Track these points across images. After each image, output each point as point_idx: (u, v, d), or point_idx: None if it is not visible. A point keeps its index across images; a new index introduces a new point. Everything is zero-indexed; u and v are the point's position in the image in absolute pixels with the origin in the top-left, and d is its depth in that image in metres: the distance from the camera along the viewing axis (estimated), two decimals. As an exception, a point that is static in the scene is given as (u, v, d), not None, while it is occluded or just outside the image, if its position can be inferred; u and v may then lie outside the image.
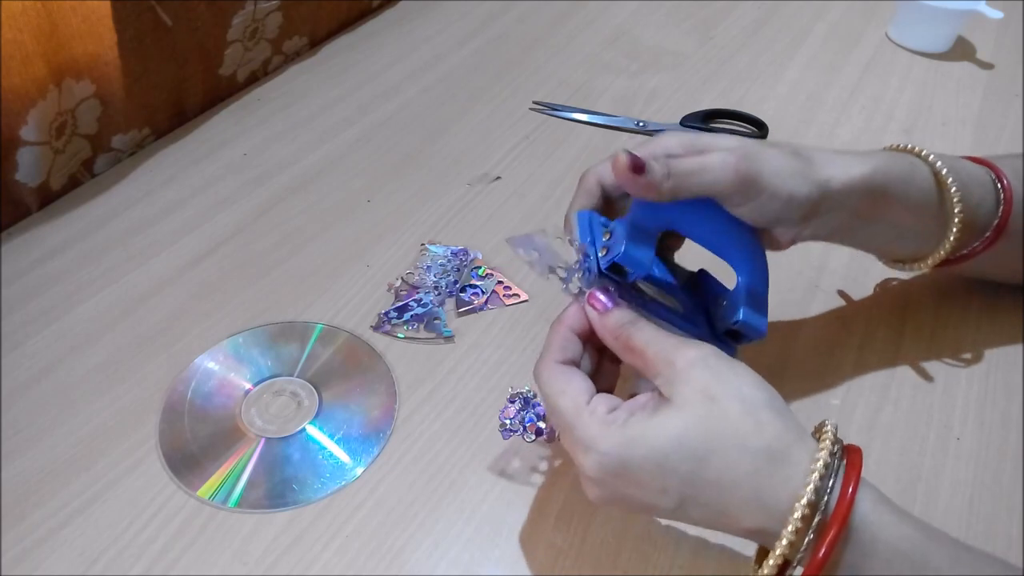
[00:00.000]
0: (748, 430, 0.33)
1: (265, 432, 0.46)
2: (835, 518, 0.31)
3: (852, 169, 0.42)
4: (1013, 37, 0.85)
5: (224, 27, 0.70)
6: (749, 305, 0.42)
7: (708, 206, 0.41)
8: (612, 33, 0.85)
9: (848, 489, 0.32)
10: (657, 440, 0.33)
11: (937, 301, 0.55)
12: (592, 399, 0.36)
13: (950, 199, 0.45)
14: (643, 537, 0.42)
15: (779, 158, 0.41)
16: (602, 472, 0.34)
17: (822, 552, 0.31)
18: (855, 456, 0.34)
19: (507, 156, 0.68)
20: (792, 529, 0.31)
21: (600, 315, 0.38)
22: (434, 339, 0.52)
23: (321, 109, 0.73)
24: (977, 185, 0.46)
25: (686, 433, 0.33)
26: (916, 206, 0.45)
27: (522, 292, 0.55)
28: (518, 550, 0.41)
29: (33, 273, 0.56)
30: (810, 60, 0.81)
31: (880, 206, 0.44)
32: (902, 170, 0.44)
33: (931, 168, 0.45)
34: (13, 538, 0.41)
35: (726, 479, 0.33)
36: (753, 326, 0.41)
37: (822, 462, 0.32)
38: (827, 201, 0.42)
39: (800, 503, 0.31)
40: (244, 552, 0.41)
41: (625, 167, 0.38)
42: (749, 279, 0.42)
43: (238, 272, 0.56)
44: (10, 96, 0.54)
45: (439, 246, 0.58)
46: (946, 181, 0.45)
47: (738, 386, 0.34)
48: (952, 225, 0.45)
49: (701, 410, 0.33)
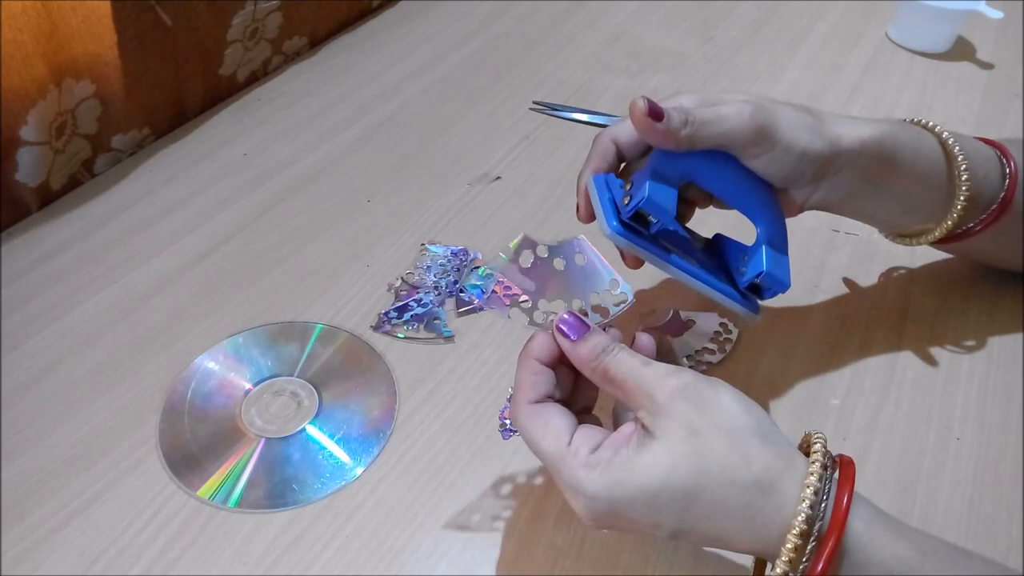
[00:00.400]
0: (735, 464, 0.32)
1: (265, 432, 0.46)
2: (828, 537, 0.31)
3: (862, 130, 0.43)
4: (1013, 37, 0.85)
5: (224, 27, 0.70)
6: (771, 257, 0.42)
7: (726, 159, 0.42)
8: (612, 33, 0.85)
9: (840, 508, 0.31)
10: (644, 480, 0.32)
11: (937, 302, 0.55)
12: (573, 438, 0.34)
13: (957, 169, 0.45)
14: (643, 537, 0.42)
15: (792, 112, 0.42)
16: (593, 513, 0.34)
17: (818, 572, 0.31)
18: (847, 470, 0.33)
19: (507, 156, 0.68)
20: (786, 559, 0.31)
21: (572, 344, 0.36)
22: (434, 339, 0.52)
23: (321, 109, 0.73)
24: (984, 159, 0.47)
25: (674, 472, 0.32)
26: (923, 174, 0.45)
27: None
28: (518, 550, 0.41)
29: (33, 273, 0.56)
30: (810, 60, 0.81)
31: (888, 171, 0.44)
32: (910, 137, 0.45)
33: (939, 139, 0.46)
34: (13, 538, 0.41)
35: (718, 513, 0.32)
36: (777, 277, 0.42)
37: (812, 489, 0.31)
38: (838, 159, 0.42)
39: (792, 534, 0.31)
40: (244, 552, 0.41)
41: (643, 112, 0.38)
42: (769, 231, 0.43)
43: (238, 272, 0.56)
44: (10, 96, 0.54)
45: (439, 246, 0.58)
46: (953, 151, 0.45)
47: (722, 417, 0.33)
48: (958, 196, 0.45)
49: (687, 447, 0.32)
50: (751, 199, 0.43)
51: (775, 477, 0.32)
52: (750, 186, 0.43)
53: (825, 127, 0.42)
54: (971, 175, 0.45)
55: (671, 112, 0.39)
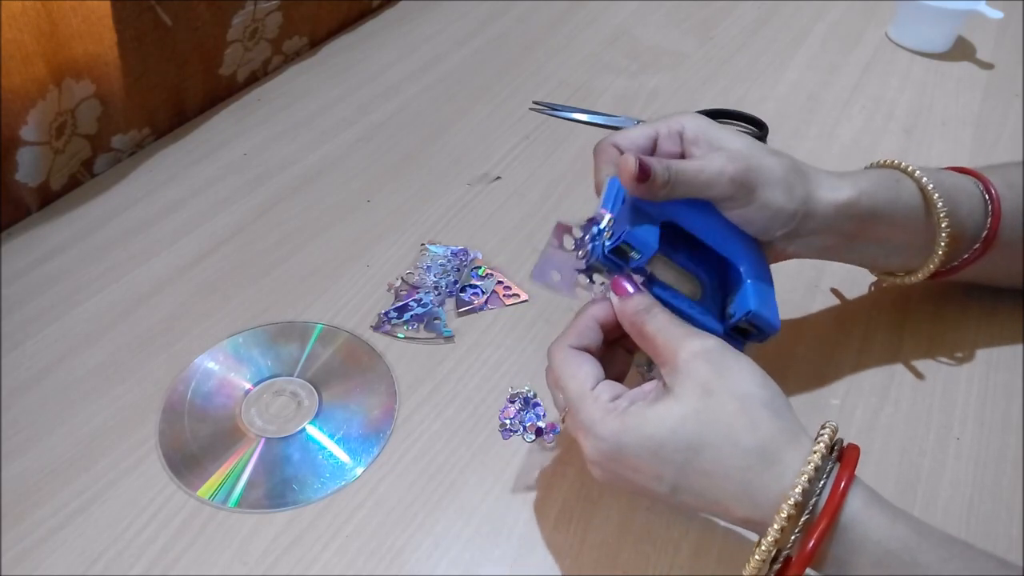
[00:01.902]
0: (742, 427, 0.33)
1: (265, 432, 0.46)
2: (823, 516, 0.32)
3: (839, 193, 0.44)
4: (1013, 37, 0.85)
5: (224, 27, 0.70)
6: (758, 294, 0.41)
7: (707, 204, 0.42)
8: (612, 33, 0.85)
9: (839, 488, 0.32)
10: (652, 429, 0.34)
11: (937, 302, 0.55)
12: (598, 385, 0.37)
13: (937, 213, 0.45)
14: (643, 537, 0.42)
15: (778, 170, 0.42)
16: (599, 455, 0.36)
17: (808, 548, 0.32)
18: (851, 455, 0.34)
19: (507, 156, 0.68)
20: (778, 527, 0.32)
21: (621, 300, 0.39)
22: (434, 339, 0.52)
23: (321, 109, 0.73)
24: (965, 196, 0.47)
25: (681, 425, 0.34)
26: (904, 222, 0.46)
27: (522, 292, 0.55)
28: (518, 550, 0.41)
29: (33, 273, 0.56)
30: (810, 60, 0.81)
31: (868, 227, 0.45)
32: (888, 189, 0.45)
33: (917, 183, 0.46)
34: (13, 538, 0.41)
35: (717, 471, 0.34)
36: (766, 318, 0.41)
37: (813, 465, 0.32)
38: (810, 222, 0.43)
39: (787, 503, 0.32)
40: (244, 552, 0.41)
41: (632, 176, 0.39)
42: (752, 269, 0.42)
43: (238, 272, 0.56)
44: (10, 96, 0.54)
45: (439, 246, 0.58)
46: (932, 196, 0.45)
47: (738, 382, 0.35)
48: (939, 239, 0.46)
49: (698, 404, 0.34)
50: (731, 243, 0.43)
51: (778, 448, 0.33)
52: (731, 232, 0.43)
53: (803, 188, 0.43)
54: (951, 218, 0.45)
55: (657, 171, 0.39)
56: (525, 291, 0.55)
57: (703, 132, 0.43)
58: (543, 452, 0.46)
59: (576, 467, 0.45)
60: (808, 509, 0.32)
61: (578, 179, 0.65)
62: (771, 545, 0.33)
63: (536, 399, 0.48)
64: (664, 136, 0.44)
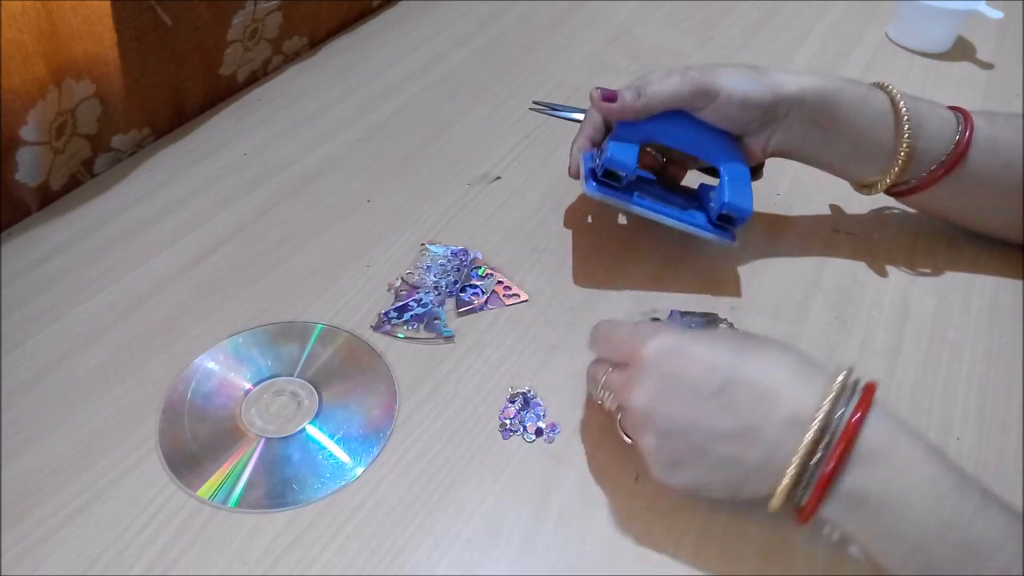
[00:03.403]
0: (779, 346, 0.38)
1: (265, 432, 0.46)
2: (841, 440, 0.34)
3: (804, 80, 0.50)
4: (1013, 37, 0.85)
5: (224, 27, 0.70)
6: (732, 188, 0.51)
7: (681, 116, 0.51)
8: (612, 33, 0.85)
9: (858, 412, 0.34)
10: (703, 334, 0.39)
11: (937, 301, 0.55)
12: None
13: (901, 124, 0.49)
14: (643, 537, 0.42)
15: (735, 69, 0.50)
16: (661, 349, 0.38)
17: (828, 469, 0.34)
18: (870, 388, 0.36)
19: (507, 156, 0.68)
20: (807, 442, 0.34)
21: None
22: (434, 339, 0.52)
23: (321, 109, 0.73)
24: (939, 119, 0.51)
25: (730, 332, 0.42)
26: (869, 127, 0.50)
27: (522, 292, 0.55)
28: (518, 550, 0.41)
29: (33, 273, 0.56)
30: (810, 60, 0.81)
31: (834, 119, 0.50)
32: (855, 90, 0.50)
33: (889, 96, 0.50)
34: (13, 538, 0.41)
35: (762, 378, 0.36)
36: (738, 205, 0.51)
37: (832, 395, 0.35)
38: (782, 104, 0.49)
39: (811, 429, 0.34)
40: (244, 552, 0.41)
41: (599, 99, 0.50)
42: (729, 169, 0.51)
43: (238, 272, 0.56)
44: (10, 96, 0.54)
45: (439, 246, 0.58)
46: (899, 105, 0.50)
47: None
48: (900, 148, 0.50)
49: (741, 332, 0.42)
50: (709, 146, 0.52)
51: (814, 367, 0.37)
52: (707, 135, 0.51)
53: (767, 77, 0.50)
54: (913, 131, 0.49)
55: (624, 92, 0.50)
56: (525, 291, 0.55)
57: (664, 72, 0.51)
58: (543, 452, 0.46)
59: (576, 467, 0.45)
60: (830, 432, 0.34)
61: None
62: (797, 468, 0.34)
63: (536, 399, 0.48)
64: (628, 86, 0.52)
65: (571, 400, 0.48)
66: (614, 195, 0.51)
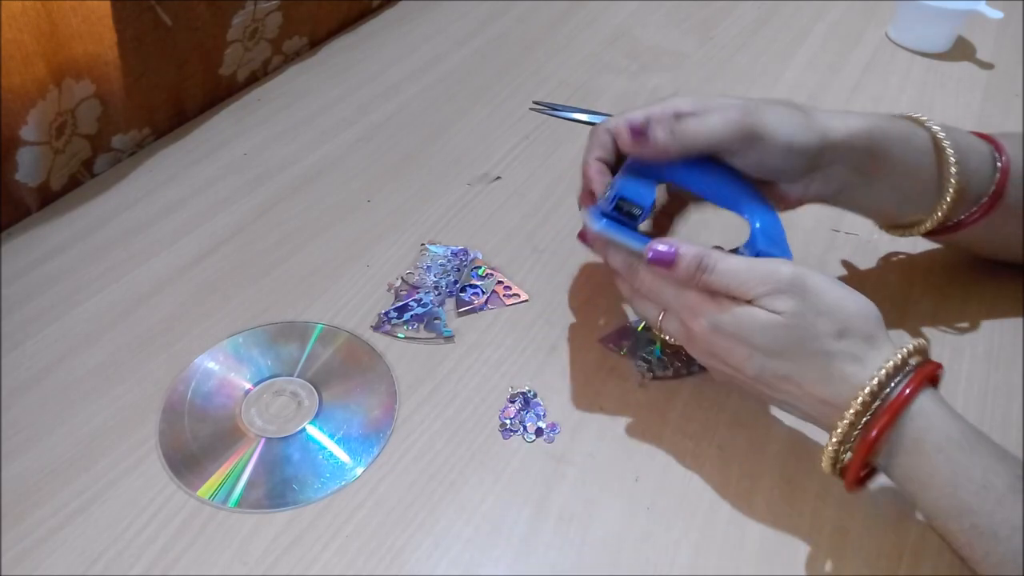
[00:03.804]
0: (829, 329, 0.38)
1: (265, 432, 0.46)
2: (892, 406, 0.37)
3: (851, 123, 0.45)
4: (1013, 37, 0.85)
5: (224, 27, 0.70)
6: (766, 243, 0.43)
7: (707, 161, 0.44)
8: (612, 33, 0.85)
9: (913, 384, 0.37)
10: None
11: (937, 301, 0.55)
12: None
13: (947, 163, 0.46)
14: (643, 537, 0.42)
15: (780, 109, 0.44)
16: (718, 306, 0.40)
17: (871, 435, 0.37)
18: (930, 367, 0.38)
19: (507, 156, 0.68)
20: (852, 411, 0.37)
21: (671, 270, 0.41)
22: (434, 339, 0.52)
23: (321, 109, 0.73)
24: (975, 154, 0.47)
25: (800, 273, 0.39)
26: (915, 168, 0.46)
27: (522, 292, 0.55)
28: (518, 550, 0.41)
29: (33, 273, 0.56)
30: (810, 60, 0.81)
31: (879, 164, 0.46)
32: (900, 131, 0.46)
33: (929, 133, 0.47)
34: (13, 538, 0.41)
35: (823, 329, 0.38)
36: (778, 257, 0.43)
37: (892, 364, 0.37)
38: (828, 152, 0.44)
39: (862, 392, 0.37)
40: (244, 552, 0.41)
41: (628, 139, 0.43)
42: (761, 220, 0.44)
43: (238, 272, 0.56)
44: (10, 96, 0.54)
45: (439, 246, 0.58)
46: (943, 144, 0.46)
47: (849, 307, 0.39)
48: (947, 189, 0.46)
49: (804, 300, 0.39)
50: (736, 196, 0.45)
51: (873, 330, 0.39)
52: (734, 185, 0.44)
53: (813, 122, 0.44)
54: (960, 168, 0.46)
55: (656, 129, 0.42)
56: (525, 291, 0.55)
57: (699, 102, 0.44)
58: (543, 452, 0.46)
59: (576, 467, 0.45)
60: (882, 396, 0.37)
61: (578, 179, 0.64)
62: (846, 428, 0.37)
63: (536, 399, 0.48)
64: (656, 118, 0.44)
65: (571, 400, 0.48)
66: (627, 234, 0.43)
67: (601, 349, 0.51)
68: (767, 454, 0.45)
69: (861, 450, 0.37)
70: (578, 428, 0.47)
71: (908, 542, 0.41)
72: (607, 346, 0.51)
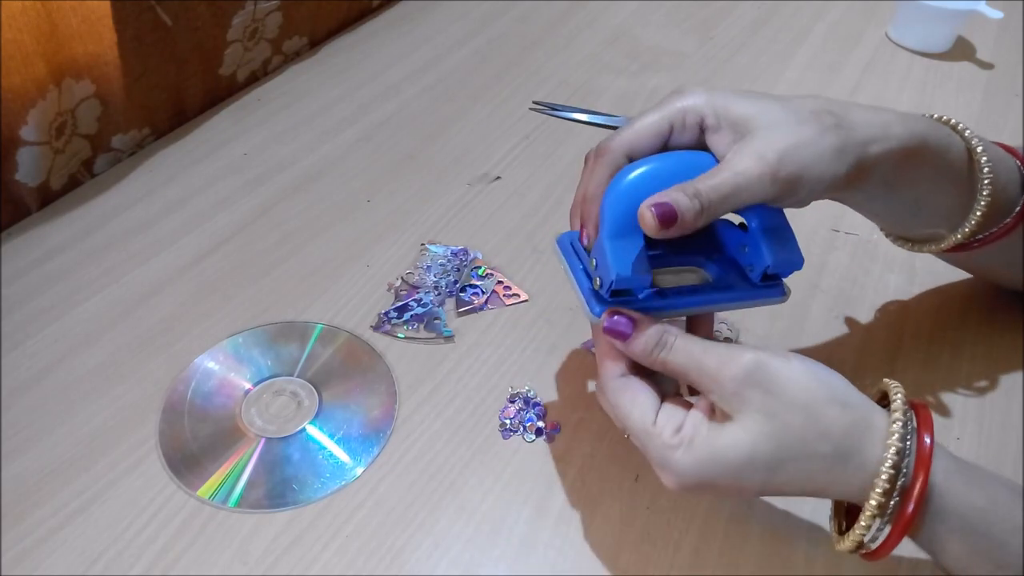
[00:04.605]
0: (814, 438, 0.33)
1: (265, 432, 0.46)
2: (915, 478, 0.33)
3: (891, 131, 0.39)
4: (1013, 37, 0.85)
5: (224, 27, 0.70)
6: (772, 244, 0.38)
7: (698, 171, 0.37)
8: (612, 33, 0.85)
9: (925, 454, 0.33)
10: (727, 459, 0.34)
11: (937, 302, 0.55)
12: (658, 417, 0.36)
13: (981, 175, 0.42)
14: (643, 537, 0.42)
15: (818, 142, 0.37)
16: (680, 487, 0.35)
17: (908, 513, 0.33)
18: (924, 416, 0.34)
19: (507, 156, 0.68)
20: (874, 503, 0.33)
21: (624, 344, 0.37)
22: (434, 339, 0.52)
23: (321, 109, 0.73)
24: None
25: (755, 450, 0.34)
26: (944, 180, 0.42)
27: (522, 292, 0.55)
28: (518, 550, 0.41)
29: (33, 273, 0.56)
30: (810, 60, 0.81)
31: (909, 174, 0.41)
32: (939, 141, 0.41)
33: (966, 143, 0.42)
34: (13, 538, 0.41)
35: (800, 478, 0.34)
36: (788, 261, 0.39)
37: (894, 449, 0.33)
38: (864, 170, 0.39)
39: (875, 492, 0.33)
40: (244, 552, 0.41)
41: (656, 227, 0.35)
42: (763, 220, 0.38)
43: (238, 272, 0.56)
44: (10, 96, 0.54)
45: (439, 246, 0.58)
46: (981, 159, 0.42)
47: (795, 392, 0.34)
48: (979, 203, 0.42)
49: (765, 428, 0.33)
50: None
51: (855, 443, 0.33)
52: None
53: (853, 140, 0.38)
54: (994, 182, 0.42)
55: (680, 202, 0.35)
56: (525, 291, 0.55)
57: (724, 114, 0.38)
58: (543, 452, 0.46)
59: (576, 467, 0.45)
60: (896, 492, 0.33)
61: (578, 179, 0.64)
62: (869, 519, 0.33)
63: (536, 399, 0.48)
64: (679, 129, 0.39)
65: (571, 400, 0.48)
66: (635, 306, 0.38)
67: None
68: (767, 454, 0.45)
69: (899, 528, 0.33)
70: (578, 428, 0.47)
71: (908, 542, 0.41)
72: (591, 350, 0.51)
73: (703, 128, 0.39)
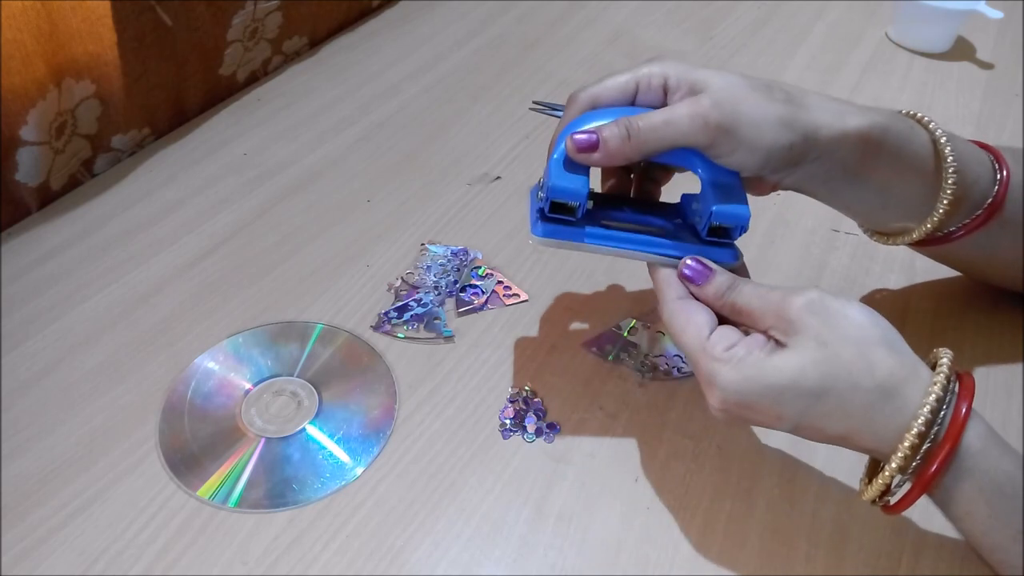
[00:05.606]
0: (861, 371, 0.35)
1: (265, 432, 0.46)
2: (945, 442, 0.34)
3: (848, 120, 0.41)
4: (1013, 37, 0.85)
5: (224, 27, 0.70)
6: (720, 196, 0.40)
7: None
8: (612, 33, 0.85)
9: (959, 417, 0.34)
10: (773, 379, 0.35)
11: (937, 302, 0.55)
12: (712, 335, 0.38)
13: (945, 169, 0.43)
14: (643, 537, 0.42)
15: (763, 106, 0.39)
16: (723, 403, 0.37)
17: (929, 473, 0.34)
18: (968, 384, 0.35)
19: (507, 156, 0.68)
20: (901, 455, 0.34)
21: (698, 288, 0.39)
22: (434, 339, 0.52)
23: (321, 109, 0.73)
24: (976, 163, 0.45)
25: (801, 374, 0.35)
26: (909, 170, 0.43)
27: (522, 292, 0.55)
28: (518, 550, 0.41)
29: (33, 273, 0.56)
30: (810, 60, 0.81)
31: (871, 164, 0.42)
32: (900, 132, 0.43)
33: (931, 136, 0.44)
34: (13, 538, 0.41)
35: (839, 412, 0.35)
36: (731, 212, 0.40)
37: (934, 396, 0.34)
38: (814, 150, 0.41)
39: (910, 434, 0.34)
40: (244, 552, 0.41)
41: (574, 151, 0.39)
42: (712, 174, 0.40)
43: (238, 272, 0.56)
44: (10, 96, 0.54)
45: (439, 246, 0.58)
46: (944, 151, 0.43)
47: (849, 327, 0.35)
48: (943, 196, 0.43)
49: (816, 355, 0.35)
50: (687, 153, 0.40)
51: (898, 383, 0.35)
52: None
53: (802, 117, 0.40)
54: (959, 176, 0.43)
55: (606, 133, 0.39)
56: (525, 291, 0.55)
57: (684, 77, 0.40)
58: (543, 452, 0.46)
59: (576, 467, 0.45)
60: (930, 438, 0.34)
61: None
62: (894, 471, 0.35)
63: (536, 399, 0.48)
64: (644, 88, 0.41)
65: (571, 400, 0.48)
66: (564, 235, 0.40)
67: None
68: (767, 454, 0.45)
69: (920, 485, 0.35)
70: (578, 428, 0.47)
71: (908, 542, 0.41)
72: (590, 350, 0.51)
73: (665, 90, 0.41)
